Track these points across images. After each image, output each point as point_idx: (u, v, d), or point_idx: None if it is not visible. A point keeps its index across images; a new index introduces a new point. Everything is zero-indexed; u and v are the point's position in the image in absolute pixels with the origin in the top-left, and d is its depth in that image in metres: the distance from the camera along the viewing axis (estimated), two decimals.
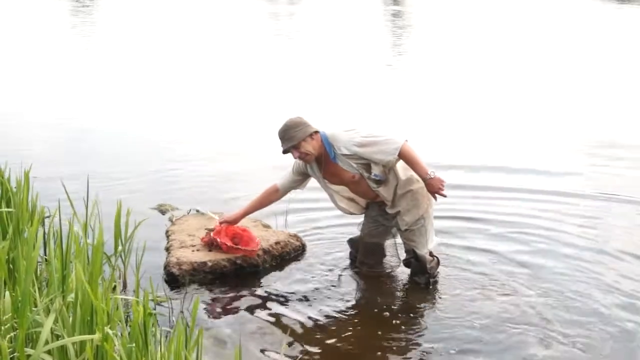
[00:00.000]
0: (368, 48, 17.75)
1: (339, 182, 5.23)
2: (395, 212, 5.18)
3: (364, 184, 5.13)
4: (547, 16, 24.90)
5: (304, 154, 5.01)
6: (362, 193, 5.29)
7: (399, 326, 4.81)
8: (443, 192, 4.98)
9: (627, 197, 7.36)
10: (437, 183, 4.93)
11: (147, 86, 12.66)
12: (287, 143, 4.99)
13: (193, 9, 25.51)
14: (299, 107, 10.84)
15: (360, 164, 5.00)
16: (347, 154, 4.97)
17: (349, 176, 5.09)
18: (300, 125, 5.01)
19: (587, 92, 13.33)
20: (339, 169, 5.09)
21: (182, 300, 4.87)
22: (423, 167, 4.95)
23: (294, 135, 4.97)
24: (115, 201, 5.05)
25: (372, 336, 4.70)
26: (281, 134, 5.06)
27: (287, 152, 5.11)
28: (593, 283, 5.42)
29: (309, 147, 4.99)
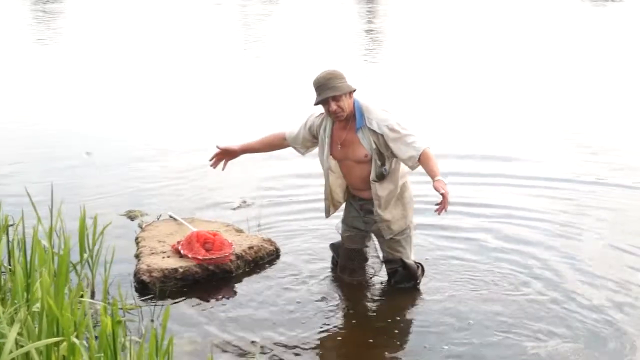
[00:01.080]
0: (344, 45, 17.67)
1: (344, 155, 4.89)
2: (382, 217, 4.93)
3: (365, 171, 4.85)
4: (528, 14, 25.09)
5: (340, 108, 4.67)
6: (354, 180, 4.96)
7: (383, 331, 4.74)
8: (446, 201, 4.62)
9: (615, 183, 7.56)
10: (443, 185, 4.64)
11: (115, 89, 12.45)
12: (329, 92, 4.64)
13: (167, 10, 25.34)
14: (275, 111, 10.82)
15: (379, 147, 4.77)
16: (374, 130, 4.75)
17: (360, 153, 4.81)
18: (344, 78, 4.71)
19: (565, 85, 13.50)
20: (355, 141, 4.80)
21: (153, 308, 4.75)
22: (437, 168, 4.71)
23: (338, 86, 4.66)
24: (84, 208, 4.91)
25: (351, 342, 4.63)
26: (323, 80, 4.69)
27: (321, 103, 4.74)
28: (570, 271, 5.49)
29: (346, 104, 4.72)
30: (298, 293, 5.17)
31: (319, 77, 4.75)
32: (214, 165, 5.41)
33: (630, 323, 4.78)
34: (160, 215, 6.33)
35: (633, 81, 14.01)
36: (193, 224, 5.95)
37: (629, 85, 13.58)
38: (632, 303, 5.07)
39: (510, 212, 6.72)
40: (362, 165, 4.86)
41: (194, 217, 6.22)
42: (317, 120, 4.99)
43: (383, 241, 5.15)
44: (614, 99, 12.39)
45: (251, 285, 5.32)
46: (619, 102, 12.07)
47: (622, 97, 12.47)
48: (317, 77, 4.76)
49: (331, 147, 4.91)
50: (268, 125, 9.91)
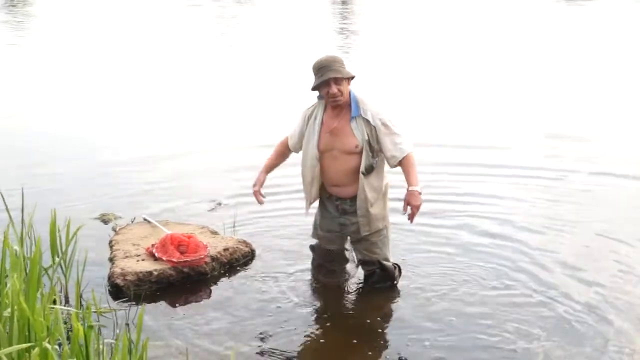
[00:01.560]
0: (320, 43, 17.67)
1: (331, 145, 4.79)
2: (365, 212, 4.86)
3: (351, 163, 4.79)
4: (503, 12, 25.26)
5: (339, 92, 4.66)
6: (337, 173, 4.85)
7: (361, 331, 4.73)
8: (416, 212, 4.78)
9: (588, 171, 7.92)
10: (420, 200, 4.77)
11: (88, 93, 12.35)
12: (332, 73, 4.62)
13: (144, 13, 25.18)
14: (252, 111, 10.79)
15: (370, 140, 4.74)
16: (369, 121, 4.74)
17: (351, 143, 4.76)
18: (344, 64, 4.75)
19: (539, 78, 13.77)
20: (347, 130, 4.76)
21: (127, 311, 4.70)
22: (416, 177, 4.77)
23: (340, 70, 4.66)
24: (55, 211, 4.86)
25: (329, 344, 4.61)
26: (326, 62, 4.68)
27: (320, 85, 4.69)
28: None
29: (345, 89, 4.70)
30: (274, 295, 5.14)
31: (321, 59, 4.75)
32: (262, 202, 5.25)
33: (612, 317, 4.83)
34: (134, 218, 6.28)
35: (605, 74, 14.38)
36: (167, 227, 5.92)
37: (602, 78, 13.98)
38: (613, 295, 5.13)
39: (487, 203, 6.89)
40: (349, 156, 4.80)
41: (169, 220, 6.18)
42: (309, 111, 4.97)
43: (359, 243, 5.09)
44: (587, 91, 12.76)
45: (226, 288, 5.29)
46: (592, 95, 12.43)
47: (595, 90, 12.86)
48: (318, 60, 4.75)
49: (319, 136, 4.86)
50: (244, 126, 9.96)
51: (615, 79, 14.08)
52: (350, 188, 4.88)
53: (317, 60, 4.76)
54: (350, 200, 4.92)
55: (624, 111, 11.30)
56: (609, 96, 12.39)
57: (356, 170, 4.81)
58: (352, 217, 4.96)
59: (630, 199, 7.19)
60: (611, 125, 10.35)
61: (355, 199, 4.89)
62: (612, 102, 11.92)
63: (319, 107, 4.90)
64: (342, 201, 4.98)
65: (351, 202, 4.92)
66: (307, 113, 4.97)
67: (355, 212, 4.92)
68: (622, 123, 10.54)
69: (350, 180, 4.86)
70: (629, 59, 16.38)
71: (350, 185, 4.87)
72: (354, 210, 4.93)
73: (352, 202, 4.92)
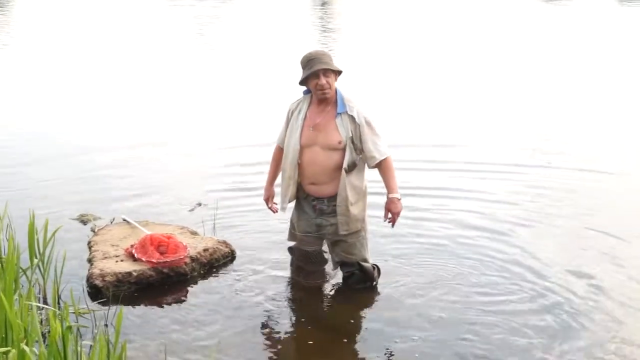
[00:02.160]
0: (301, 43, 17.70)
1: (313, 140, 4.80)
2: (345, 211, 4.86)
3: (332, 159, 4.79)
4: (481, 11, 25.43)
5: (328, 84, 4.71)
6: (317, 170, 4.84)
7: (342, 332, 4.72)
8: (396, 218, 4.91)
9: (565, 166, 8.17)
10: (400, 206, 4.87)
11: (68, 91, 12.27)
12: (322, 65, 4.68)
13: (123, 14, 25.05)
14: (228, 109, 10.78)
15: (353, 137, 4.77)
16: (354, 118, 4.77)
17: (334, 139, 4.78)
18: (332, 59, 4.82)
19: (514, 75, 13.98)
20: (331, 126, 4.78)
21: (106, 312, 4.67)
22: (395, 183, 4.87)
23: (329, 62, 4.73)
24: (33, 212, 4.82)
25: (307, 345, 4.59)
26: (316, 55, 4.77)
27: (308, 79, 4.73)
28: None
29: (333, 83, 4.75)
30: (254, 296, 5.13)
31: (310, 52, 4.84)
32: (275, 211, 5.23)
33: (596, 310, 4.94)
34: (113, 219, 6.25)
35: (586, 73, 14.76)
36: (147, 227, 5.89)
37: (582, 76, 14.38)
38: (594, 289, 5.24)
39: (471, 199, 7.07)
40: (331, 152, 4.81)
41: (148, 221, 6.15)
42: (293, 106, 4.99)
43: (337, 245, 5.08)
44: (569, 89, 13.07)
45: (206, 288, 5.27)
46: (567, 92, 12.78)
47: (570, 87, 13.23)
48: (308, 53, 4.83)
49: (302, 130, 4.86)
50: (224, 126, 9.94)
51: (594, 76, 14.39)
52: (328, 187, 4.88)
53: (306, 54, 4.82)
54: (327, 200, 4.92)
55: (605, 109, 11.59)
56: (591, 94, 12.71)
57: (336, 168, 4.82)
58: (329, 217, 4.95)
59: (611, 193, 7.39)
60: (593, 122, 10.63)
61: (332, 199, 4.89)
62: (593, 100, 12.21)
63: (303, 102, 4.93)
64: (319, 201, 4.96)
65: (328, 202, 4.91)
66: (292, 107, 5.00)
67: (332, 212, 4.92)
68: (604, 120, 10.80)
69: (329, 178, 4.85)
70: (609, 58, 16.63)
71: (328, 183, 4.87)
72: (331, 211, 4.93)
73: (329, 202, 4.91)
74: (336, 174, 4.83)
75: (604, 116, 11.06)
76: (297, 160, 4.88)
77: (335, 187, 4.86)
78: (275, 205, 5.19)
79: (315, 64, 4.71)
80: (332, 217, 4.94)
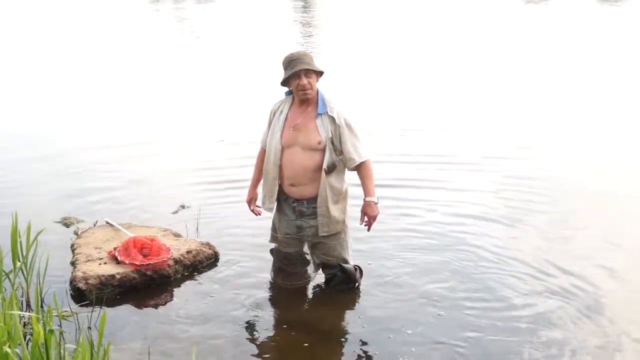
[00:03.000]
0: (282, 38, 17.76)
1: (293, 140, 4.82)
2: (325, 212, 4.87)
3: (312, 160, 4.81)
4: (462, 11, 25.58)
5: (309, 84, 4.74)
6: (296, 171, 4.85)
7: (326, 334, 4.76)
8: (373, 222, 4.95)
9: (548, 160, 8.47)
10: (377, 210, 4.91)
11: (50, 92, 12.24)
12: (303, 65, 4.71)
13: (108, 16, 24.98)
14: (209, 111, 10.78)
15: (333, 138, 4.79)
16: (334, 119, 4.80)
17: (314, 139, 4.80)
18: (313, 60, 4.85)
19: (498, 70, 13.98)
20: (311, 126, 4.81)
21: (90, 315, 4.68)
22: (373, 187, 4.91)
23: (312, 63, 4.77)
24: (16, 215, 4.82)
25: (292, 346, 4.63)
26: (297, 56, 4.80)
27: (290, 79, 4.77)
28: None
29: (314, 83, 4.78)
30: (237, 298, 5.16)
31: (292, 53, 4.86)
32: (258, 213, 5.22)
33: (581, 309, 5.02)
34: (96, 221, 6.25)
35: (566, 69, 15.07)
36: (130, 230, 5.90)
37: (563, 72, 14.71)
38: (577, 286, 5.34)
39: (448, 194, 7.24)
40: (310, 153, 4.82)
41: (131, 223, 6.16)
42: (275, 107, 5.02)
43: (317, 248, 5.11)
44: (550, 86, 13.39)
45: (190, 290, 5.30)
46: (555, 88, 13.17)
47: (558, 84, 13.54)
48: (290, 54, 4.85)
49: (282, 131, 4.88)
50: (207, 127, 9.94)
51: (574, 73, 14.69)
52: (308, 188, 4.89)
53: (288, 55, 4.85)
54: (307, 201, 4.93)
55: (584, 103, 11.90)
56: (572, 89, 13.06)
57: (316, 169, 4.84)
58: (309, 219, 4.97)
59: (589, 187, 7.58)
60: (572, 117, 10.94)
61: (312, 200, 4.91)
62: (580, 95, 12.56)
63: (285, 103, 4.96)
64: (299, 203, 4.97)
65: (308, 203, 4.93)
66: (274, 108, 5.03)
67: (312, 214, 4.94)
68: (582, 115, 11.10)
69: (309, 179, 4.87)
70: (594, 55, 16.88)
71: (309, 184, 4.88)
72: (311, 213, 4.95)
73: (309, 203, 4.93)
74: (316, 175, 4.85)
75: (591, 109, 11.39)
76: (279, 160, 4.91)
77: (315, 188, 4.88)
78: (258, 208, 5.20)
79: (297, 64, 4.74)
80: (312, 219, 4.96)
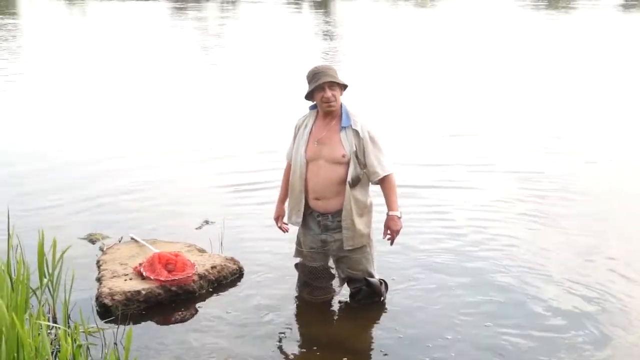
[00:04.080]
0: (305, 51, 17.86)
1: (318, 154, 4.83)
2: (351, 225, 4.88)
3: (337, 173, 4.81)
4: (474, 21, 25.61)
5: (334, 97, 4.77)
6: (321, 184, 4.85)
7: (352, 349, 4.71)
8: (396, 236, 4.96)
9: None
10: (400, 224, 4.92)
11: (73, 111, 12.32)
12: (328, 77, 4.76)
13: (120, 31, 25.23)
14: (233, 127, 10.82)
15: (357, 151, 4.80)
16: (358, 132, 4.82)
17: (338, 152, 4.81)
18: (338, 73, 4.88)
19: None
20: (335, 140, 4.82)
21: (116, 331, 4.70)
22: (396, 201, 4.92)
23: (336, 76, 4.80)
24: (43, 232, 4.85)
25: None
26: (322, 69, 4.83)
27: (314, 92, 4.80)
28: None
29: (338, 96, 4.82)
30: (262, 313, 5.14)
31: (318, 66, 4.91)
32: (286, 230, 5.23)
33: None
34: (121, 237, 6.28)
35: (581, 75, 15.23)
36: (155, 245, 5.92)
37: (578, 78, 14.86)
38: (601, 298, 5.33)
39: (467, 209, 7.25)
40: (335, 166, 4.83)
41: (156, 239, 6.18)
42: (300, 121, 5.03)
43: (342, 262, 5.10)
44: (572, 91, 13.76)
45: (214, 306, 5.29)
46: (576, 93, 13.46)
47: (579, 89, 13.91)
48: (314, 67, 4.89)
49: (307, 145, 4.90)
50: (230, 143, 9.97)
51: (587, 79, 14.84)
52: (333, 201, 4.89)
53: (312, 68, 4.89)
54: (331, 215, 4.93)
55: (611, 106, 12.26)
56: (599, 94, 13.36)
57: (341, 182, 4.84)
58: (334, 233, 4.97)
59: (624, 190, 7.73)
60: (601, 119, 11.25)
61: (337, 214, 4.91)
62: (600, 100, 12.88)
63: (309, 117, 4.98)
64: (323, 217, 4.97)
65: (332, 217, 4.93)
66: (298, 123, 5.04)
67: (337, 228, 4.94)
68: (601, 118, 11.35)
69: (334, 192, 4.87)
70: (614, 60, 16.89)
71: (333, 198, 4.88)
72: (335, 226, 4.94)
73: (333, 217, 4.93)
74: (340, 188, 4.85)
75: (610, 113, 11.63)
76: (304, 174, 4.91)
77: (339, 202, 4.88)
78: (285, 225, 5.20)
79: (321, 77, 4.78)
80: (336, 232, 4.95)
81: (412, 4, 36.87)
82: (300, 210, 4.99)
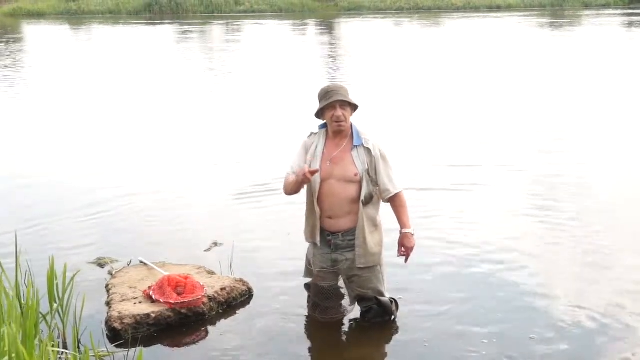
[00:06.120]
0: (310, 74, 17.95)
1: (330, 174, 4.84)
2: (363, 242, 4.88)
3: (349, 192, 4.83)
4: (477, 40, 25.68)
5: (344, 116, 4.80)
6: (334, 203, 4.86)
7: None
8: (410, 253, 4.97)
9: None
10: (414, 241, 4.94)
11: (80, 134, 12.35)
12: (340, 97, 4.79)
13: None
14: (241, 149, 10.84)
15: (369, 170, 4.84)
16: (370, 151, 4.85)
17: (350, 171, 4.84)
18: (349, 93, 4.91)
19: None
20: (347, 159, 4.86)
21: (126, 355, 4.68)
22: (408, 218, 4.94)
23: (347, 96, 4.83)
24: (53, 258, 4.85)
25: None
26: (334, 88, 4.88)
27: (324, 111, 4.84)
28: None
29: (349, 116, 4.87)
30: (273, 334, 5.12)
31: (329, 85, 4.97)
32: (315, 171, 4.84)
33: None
34: (130, 261, 6.27)
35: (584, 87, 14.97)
36: (164, 268, 5.91)
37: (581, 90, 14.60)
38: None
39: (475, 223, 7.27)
40: (347, 185, 4.85)
41: (165, 262, 6.17)
42: (309, 140, 5.03)
43: (352, 281, 5.08)
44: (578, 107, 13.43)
45: (225, 327, 5.27)
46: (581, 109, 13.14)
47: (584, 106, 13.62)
48: (326, 86, 4.95)
49: (320, 165, 4.89)
50: (238, 165, 9.98)
51: (594, 91, 14.92)
52: (344, 220, 4.91)
53: (324, 87, 4.94)
54: (342, 234, 4.93)
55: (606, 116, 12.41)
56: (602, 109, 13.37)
57: (353, 201, 4.86)
58: (345, 252, 4.96)
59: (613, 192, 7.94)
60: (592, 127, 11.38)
61: (347, 233, 4.92)
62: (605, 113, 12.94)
63: (319, 137, 4.99)
64: (334, 236, 4.97)
65: (343, 236, 4.93)
66: (307, 143, 5.03)
67: (347, 247, 4.94)
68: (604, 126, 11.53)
69: (345, 211, 4.88)
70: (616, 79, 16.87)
71: (345, 217, 4.90)
72: (346, 245, 4.94)
73: (344, 236, 4.93)
74: (352, 207, 4.86)
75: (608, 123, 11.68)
76: (317, 193, 4.92)
77: (350, 221, 4.89)
78: (311, 168, 4.81)
79: (333, 95, 4.82)
80: (347, 251, 4.95)
81: (417, 24, 37.03)
82: (317, 229, 4.99)
